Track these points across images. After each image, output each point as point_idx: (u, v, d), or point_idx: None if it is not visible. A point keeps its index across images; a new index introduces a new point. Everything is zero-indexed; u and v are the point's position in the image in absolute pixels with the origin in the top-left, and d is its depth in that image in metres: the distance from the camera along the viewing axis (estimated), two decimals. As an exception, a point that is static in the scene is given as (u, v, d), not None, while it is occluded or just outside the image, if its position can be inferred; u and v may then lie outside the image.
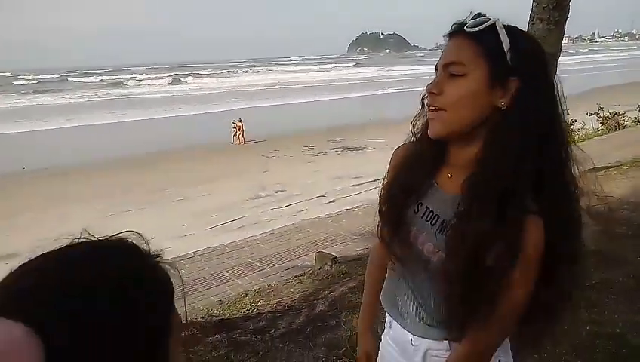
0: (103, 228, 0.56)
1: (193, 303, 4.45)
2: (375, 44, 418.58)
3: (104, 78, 63.21)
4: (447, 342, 1.09)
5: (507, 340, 1.11)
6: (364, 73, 60.98)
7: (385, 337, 1.28)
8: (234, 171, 14.03)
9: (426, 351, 1.13)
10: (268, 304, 3.84)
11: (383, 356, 1.30)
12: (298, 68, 77.29)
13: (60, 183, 12.69)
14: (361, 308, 1.41)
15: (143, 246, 0.55)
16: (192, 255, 5.97)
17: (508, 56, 0.94)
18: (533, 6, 3.22)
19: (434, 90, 0.98)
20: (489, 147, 0.96)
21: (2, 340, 0.40)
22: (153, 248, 0.57)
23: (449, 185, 1.06)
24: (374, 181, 12.12)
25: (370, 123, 20.80)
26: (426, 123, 1.05)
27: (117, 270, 0.50)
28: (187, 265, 5.54)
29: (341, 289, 3.65)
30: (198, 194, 11.68)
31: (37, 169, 14.38)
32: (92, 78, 62.68)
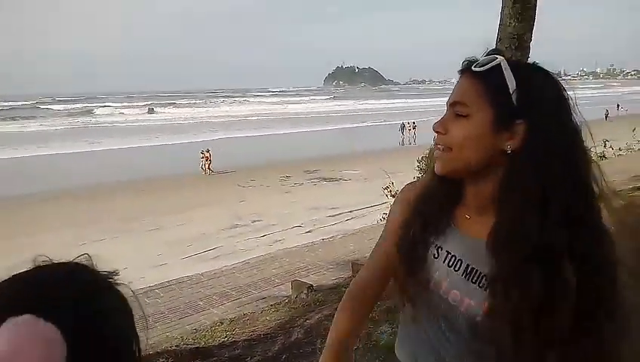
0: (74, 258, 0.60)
1: (167, 332, 4.40)
2: (351, 78, 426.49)
3: (77, 105, 62.64)
4: None
5: None
6: (340, 106, 61.95)
7: None
8: (210, 201, 13.98)
9: None
10: (244, 332, 3.82)
11: None
12: (276, 99, 78.13)
13: (32, 211, 12.43)
14: (326, 348, 1.13)
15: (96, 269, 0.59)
16: (167, 284, 5.90)
17: (513, 98, 0.89)
18: (496, 46, 3.43)
19: (439, 130, 0.96)
20: (503, 195, 0.91)
21: (49, 338, 0.48)
22: (120, 276, 0.60)
23: (467, 227, 0.99)
24: (350, 212, 12.25)
25: (345, 155, 21.07)
26: None
27: (78, 292, 0.54)
28: (162, 294, 5.48)
29: (317, 317, 3.67)
30: (174, 224, 11.57)
31: (7, 196, 14.05)
32: (66, 106, 62.02)
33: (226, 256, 8.77)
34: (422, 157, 11.95)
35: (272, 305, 4.49)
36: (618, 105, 39.71)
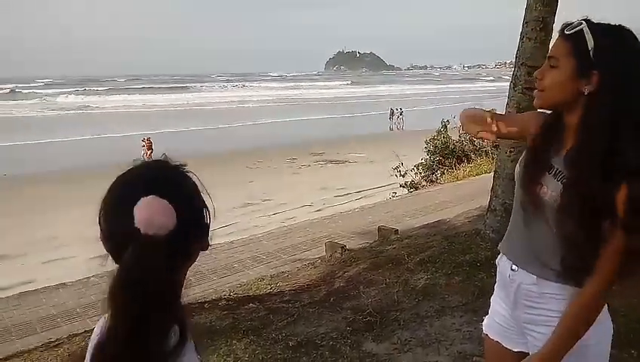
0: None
1: (212, 288, 4.81)
2: (352, 63, 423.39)
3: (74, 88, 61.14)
4: (535, 277, 1.38)
5: None
6: (346, 91, 61.69)
7: (497, 267, 1.56)
8: (219, 181, 14.18)
9: (519, 284, 1.42)
10: (287, 285, 4.21)
11: (495, 286, 1.59)
12: (276, 85, 77.67)
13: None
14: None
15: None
16: (201, 249, 6.27)
17: (591, 53, 1.22)
18: (522, 27, 3.81)
19: (538, 76, 1.32)
20: (580, 124, 1.28)
21: (168, 208, 0.76)
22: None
23: (563, 147, 1.36)
24: (358, 192, 12.60)
25: (350, 138, 21.41)
26: None
27: (175, 177, 0.84)
28: (198, 258, 5.86)
29: (355, 270, 4.07)
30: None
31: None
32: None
33: (241, 232, 9.08)
34: (429, 139, 12.37)
35: (308, 264, 4.88)
36: None
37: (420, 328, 2.96)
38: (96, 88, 62.86)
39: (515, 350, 1.49)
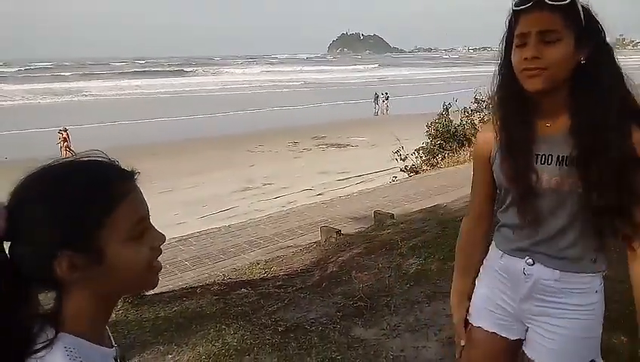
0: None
1: (207, 272, 4.82)
2: (355, 45, 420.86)
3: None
4: (558, 272, 1.31)
5: None
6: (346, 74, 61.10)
7: (492, 264, 1.47)
8: (220, 165, 14.21)
9: (538, 279, 1.34)
10: (281, 269, 4.22)
11: (482, 279, 1.50)
12: (284, 69, 77.07)
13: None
14: (454, 284, 1.58)
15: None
16: (198, 234, 6.31)
17: (584, 24, 1.20)
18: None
19: (536, 55, 1.20)
20: (585, 93, 1.22)
21: None
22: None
23: (549, 130, 1.29)
24: (359, 176, 12.56)
25: (353, 122, 21.33)
26: (510, 89, 1.29)
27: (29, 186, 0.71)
28: (194, 243, 5.89)
29: (348, 255, 4.06)
30: (186, 186, 11.84)
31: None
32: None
33: (241, 216, 9.08)
34: (430, 123, 12.26)
35: (303, 248, 4.89)
36: None
37: (410, 313, 2.96)
38: (94, 72, 62.21)
39: (513, 338, 1.46)
